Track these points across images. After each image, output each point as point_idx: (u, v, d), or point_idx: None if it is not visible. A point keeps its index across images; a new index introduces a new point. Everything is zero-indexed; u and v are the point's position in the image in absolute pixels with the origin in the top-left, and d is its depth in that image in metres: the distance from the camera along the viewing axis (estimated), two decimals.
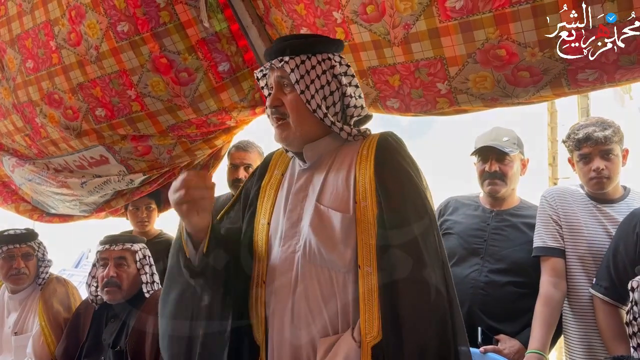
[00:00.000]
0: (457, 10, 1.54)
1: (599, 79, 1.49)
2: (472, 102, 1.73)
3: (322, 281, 1.09)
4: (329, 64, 1.18)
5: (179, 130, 2.32)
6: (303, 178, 1.21)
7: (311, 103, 1.14)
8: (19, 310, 2.12)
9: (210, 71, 2.15)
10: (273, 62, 1.18)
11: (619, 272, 1.49)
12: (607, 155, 1.63)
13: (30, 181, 2.78)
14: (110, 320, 1.90)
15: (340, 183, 1.14)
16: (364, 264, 1.05)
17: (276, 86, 1.19)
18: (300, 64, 1.15)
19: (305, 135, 1.18)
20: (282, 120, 1.18)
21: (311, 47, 1.17)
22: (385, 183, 1.09)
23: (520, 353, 1.64)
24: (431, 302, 1.03)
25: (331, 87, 1.17)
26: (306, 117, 1.16)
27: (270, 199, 1.23)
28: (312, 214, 1.12)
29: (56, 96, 2.40)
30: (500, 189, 1.82)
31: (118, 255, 1.90)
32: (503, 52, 1.55)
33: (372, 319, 1.03)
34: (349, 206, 1.10)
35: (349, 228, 1.08)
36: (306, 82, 1.14)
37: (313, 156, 1.20)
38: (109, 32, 2.12)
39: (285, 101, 1.17)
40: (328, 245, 1.08)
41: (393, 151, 1.15)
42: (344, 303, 1.08)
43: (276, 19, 1.99)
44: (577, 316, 1.66)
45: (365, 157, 1.14)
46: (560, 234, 1.69)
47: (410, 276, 1.02)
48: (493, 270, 1.75)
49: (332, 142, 1.20)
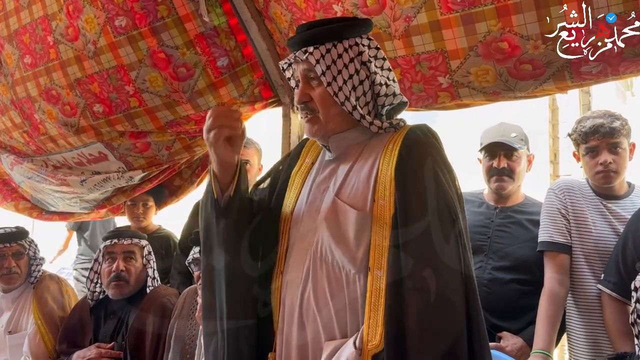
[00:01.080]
0: (459, 2, 1.52)
1: (603, 71, 1.47)
2: (474, 96, 1.71)
3: (332, 279, 1.04)
4: (357, 50, 1.10)
5: (178, 127, 2.31)
6: (328, 169, 1.15)
7: (339, 95, 1.07)
8: (12, 309, 2.10)
9: (209, 66, 2.13)
10: (297, 54, 1.11)
11: (627, 268, 1.46)
12: (614, 148, 1.60)
13: (30, 179, 2.76)
14: (109, 316, 1.88)
15: (361, 178, 1.08)
16: (374, 266, 1.00)
17: (303, 80, 1.13)
18: (326, 54, 1.07)
19: (336, 128, 1.12)
20: (312, 114, 1.12)
21: (336, 33, 1.09)
22: (404, 181, 1.02)
23: (522, 350, 1.63)
24: (441, 316, 0.95)
25: (360, 75, 1.10)
26: (336, 110, 1.10)
27: (298, 188, 1.18)
28: (329, 208, 1.07)
29: (54, 92, 2.39)
30: (508, 186, 1.80)
31: (127, 249, 1.89)
32: (505, 44, 1.54)
33: (376, 326, 0.97)
34: (367, 203, 1.04)
35: (364, 227, 1.03)
36: (333, 73, 1.07)
37: (339, 147, 1.14)
38: (107, 26, 2.11)
39: (313, 96, 1.11)
40: (339, 243, 1.03)
41: (419, 146, 1.06)
42: (353, 305, 1.02)
43: (275, 13, 1.97)
44: (583, 313, 1.63)
45: (390, 152, 1.07)
46: (567, 229, 1.65)
47: (419, 285, 0.95)
48: (497, 267, 1.73)
49: (362, 133, 1.14)
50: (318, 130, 1.12)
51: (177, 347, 1.73)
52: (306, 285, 1.06)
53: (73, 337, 1.92)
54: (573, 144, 1.72)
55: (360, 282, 1.01)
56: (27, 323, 2.06)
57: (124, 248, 1.89)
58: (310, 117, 1.12)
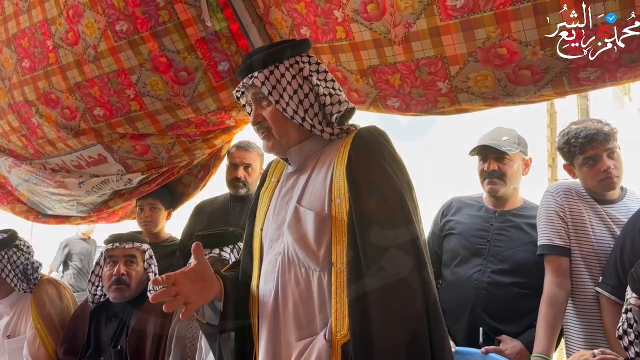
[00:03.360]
0: (458, 8, 1.53)
1: (601, 77, 1.49)
2: (473, 101, 1.72)
3: (300, 281, 1.11)
4: (297, 67, 1.19)
5: (178, 130, 2.31)
6: (290, 181, 1.23)
7: (287, 110, 1.16)
8: (10, 314, 2.09)
9: (210, 70, 2.14)
10: (244, 80, 1.21)
11: (625, 271, 1.47)
12: (612, 153, 1.62)
13: (27, 181, 2.76)
14: (110, 320, 1.88)
15: (319, 183, 1.15)
16: (337, 261, 1.06)
17: (254, 102, 1.22)
18: (270, 75, 1.16)
19: (291, 141, 1.21)
20: (267, 132, 1.21)
21: (276, 55, 1.19)
22: (354, 178, 1.09)
23: (522, 354, 1.63)
24: (401, 300, 1.01)
25: (304, 89, 1.18)
26: (287, 125, 1.19)
27: (265, 206, 1.26)
28: (292, 215, 1.14)
29: (53, 96, 2.39)
30: (500, 188, 1.81)
31: (128, 253, 1.89)
32: (504, 50, 1.55)
33: (343, 317, 1.03)
34: (324, 205, 1.11)
35: (324, 226, 1.09)
36: (279, 91, 1.16)
37: (298, 159, 1.22)
38: (107, 31, 2.11)
39: (265, 115, 1.20)
40: (302, 244, 1.10)
41: (366, 145, 1.13)
42: (322, 303, 1.08)
43: (276, 18, 1.98)
44: (581, 316, 1.64)
45: (341, 154, 1.14)
46: (566, 232, 1.66)
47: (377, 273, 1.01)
48: (496, 270, 1.74)
49: (316, 143, 1.22)
50: (274, 145, 1.21)
51: (177, 348, 1.73)
52: (277, 291, 1.14)
53: (73, 341, 1.92)
54: (565, 157, 1.72)
55: (326, 279, 1.08)
56: (25, 327, 2.05)
57: (125, 252, 1.89)
58: (265, 134, 1.21)
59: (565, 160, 1.74)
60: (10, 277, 2.04)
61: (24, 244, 2.15)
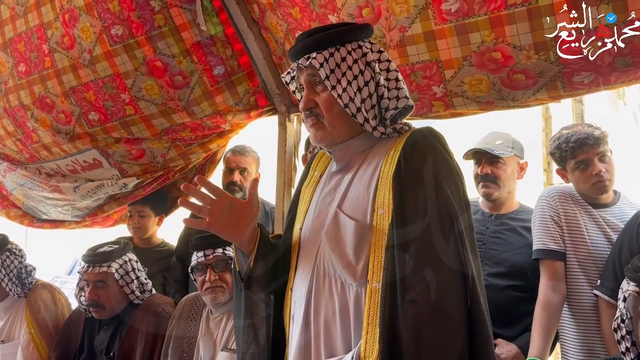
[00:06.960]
0: (453, 13, 1.54)
1: (595, 81, 1.50)
2: (468, 105, 1.73)
3: (335, 294, 1.00)
4: (360, 52, 1.07)
5: (174, 134, 2.31)
6: (333, 181, 1.12)
7: (343, 97, 1.03)
8: (4, 319, 2.08)
9: (205, 75, 2.14)
10: (300, 61, 1.08)
11: (623, 274, 1.48)
12: (603, 157, 1.62)
13: (22, 186, 2.75)
14: (103, 327, 1.86)
15: (362, 187, 1.04)
16: (373, 279, 0.95)
17: (307, 86, 1.09)
18: (329, 57, 1.04)
19: (342, 134, 1.09)
20: (317, 120, 1.09)
21: (338, 38, 1.07)
22: (401, 188, 0.97)
23: (517, 358, 1.63)
24: (438, 331, 0.90)
25: (365, 76, 1.06)
26: (341, 116, 1.07)
27: (306, 203, 1.16)
28: (331, 221, 1.04)
29: (48, 100, 2.38)
30: (493, 192, 1.82)
31: (95, 279, 1.81)
32: (499, 54, 1.56)
33: (374, 342, 0.92)
34: (367, 214, 1.00)
35: (364, 238, 0.99)
36: (337, 75, 1.04)
37: (343, 157, 1.12)
38: (103, 35, 2.11)
39: (318, 101, 1.08)
40: (339, 256, 1.00)
41: (420, 151, 1.00)
42: (358, 320, 0.97)
43: (271, 22, 1.99)
44: (578, 320, 1.64)
45: (391, 158, 1.02)
46: (561, 236, 1.66)
47: (415, 297, 0.90)
48: (492, 273, 1.74)
49: (365, 141, 1.10)
50: (323, 136, 1.09)
51: (176, 347, 1.72)
52: (310, 302, 1.04)
53: (67, 345, 1.90)
54: (557, 162, 1.72)
55: (364, 295, 0.97)
56: (20, 332, 2.04)
57: (93, 277, 1.81)
58: (315, 122, 1.10)
59: (558, 165, 1.74)
60: (5, 282, 2.02)
61: (16, 248, 2.12)
